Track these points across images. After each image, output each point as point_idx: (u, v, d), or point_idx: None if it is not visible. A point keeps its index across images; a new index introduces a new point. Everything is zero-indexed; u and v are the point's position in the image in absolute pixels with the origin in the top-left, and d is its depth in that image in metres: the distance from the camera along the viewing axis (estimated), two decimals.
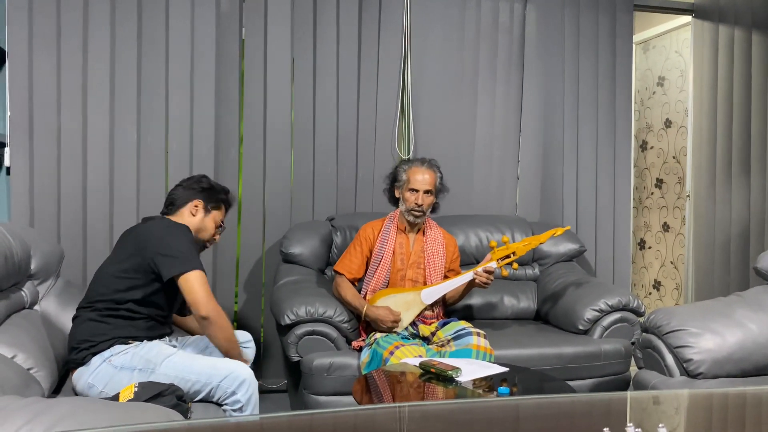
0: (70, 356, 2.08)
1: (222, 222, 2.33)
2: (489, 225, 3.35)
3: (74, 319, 2.13)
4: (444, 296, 2.77)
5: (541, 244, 2.83)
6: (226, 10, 3.21)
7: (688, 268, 4.06)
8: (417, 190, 2.70)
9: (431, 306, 2.70)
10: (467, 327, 2.57)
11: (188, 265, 2.04)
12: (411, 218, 2.73)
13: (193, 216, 2.25)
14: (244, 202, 3.29)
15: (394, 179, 2.80)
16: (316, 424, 1.33)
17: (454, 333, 2.56)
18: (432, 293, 2.67)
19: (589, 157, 3.75)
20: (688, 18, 4.02)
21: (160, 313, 2.16)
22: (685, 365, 2.19)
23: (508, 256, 2.69)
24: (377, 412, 1.47)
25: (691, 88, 3.99)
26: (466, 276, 2.68)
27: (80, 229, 3.03)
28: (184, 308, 2.38)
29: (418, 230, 2.81)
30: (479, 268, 2.66)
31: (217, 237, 2.34)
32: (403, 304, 2.65)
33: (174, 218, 2.24)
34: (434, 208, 2.82)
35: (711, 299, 2.50)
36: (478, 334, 2.51)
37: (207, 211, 2.26)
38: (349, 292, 2.70)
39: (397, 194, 2.79)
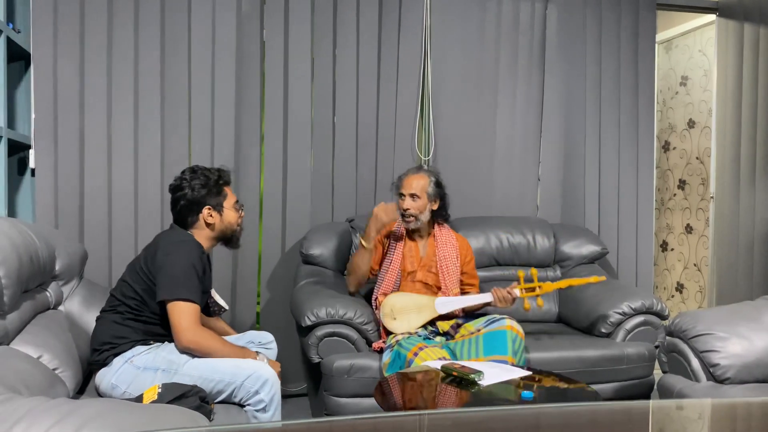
0: (92, 357, 2.10)
1: (237, 201, 2.30)
2: (510, 226, 3.33)
3: (97, 320, 2.16)
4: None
5: (571, 287, 2.72)
6: (247, 11, 3.23)
7: (711, 270, 4.00)
8: (403, 195, 2.71)
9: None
10: (498, 315, 2.56)
11: (177, 293, 2.02)
12: (404, 224, 2.74)
13: (211, 223, 2.22)
14: (265, 203, 3.30)
15: (396, 190, 2.81)
16: (335, 431, 1.33)
17: (486, 322, 2.55)
18: (446, 304, 2.65)
19: (611, 158, 3.71)
20: (712, 17, 3.96)
21: None
22: (711, 370, 2.15)
23: (533, 289, 2.65)
24: (397, 420, 1.46)
25: (715, 87, 3.93)
26: (484, 297, 2.65)
27: (104, 230, 3.06)
28: (208, 308, 2.39)
29: (429, 235, 2.81)
30: (498, 290, 2.63)
31: (242, 214, 2.31)
32: (415, 306, 2.64)
33: (194, 231, 2.22)
34: (445, 217, 2.81)
35: (738, 303, 2.45)
36: (511, 317, 2.50)
37: (219, 208, 2.23)
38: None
39: None
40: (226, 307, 2.45)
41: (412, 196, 2.71)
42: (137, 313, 2.11)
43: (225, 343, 2.10)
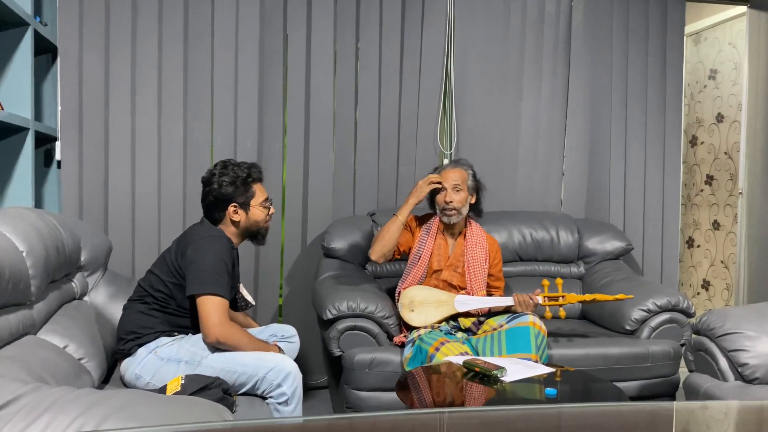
0: (118, 346, 2.13)
1: (266, 198, 2.28)
2: (533, 222, 3.29)
3: (124, 309, 2.18)
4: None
5: (596, 302, 2.68)
6: (270, 4, 3.22)
7: (739, 267, 3.93)
8: (444, 189, 2.67)
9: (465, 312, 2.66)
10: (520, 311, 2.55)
11: (207, 288, 2.03)
12: (445, 219, 2.69)
13: (237, 220, 2.23)
14: (287, 196, 3.31)
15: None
16: (355, 428, 1.32)
17: (508, 318, 2.53)
18: (466, 302, 2.62)
19: (636, 152, 3.65)
20: (742, 8, 3.87)
21: None
22: (740, 369, 2.11)
23: (556, 299, 2.61)
24: (417, 417, 1.45)
25: (746, 81, 3.84)
26: (505, 300, 2.62)
27: (128, 222, 3.09)
28: (235, 302, 2.40)
29: (459, 233, 2.78)
30: (520, 295, 2.60)
31: (272, 211, 2.30)
32: (434, 301, 2.62)
33: (221, 226, 2.23)
34: (478, 211, 2.78)
35: (767, 302, 2.40)
36: (534, 314, 2.49)
37: (246, 206, 2.23)
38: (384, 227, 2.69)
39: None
40: (253, 303, 2.46)
41: (455, 187, 2.66)
42: (163, 304, 2.13)
43: (252, 338, 2.11)
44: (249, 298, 2.42)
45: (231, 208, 2.21)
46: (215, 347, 2.05)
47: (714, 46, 4.28)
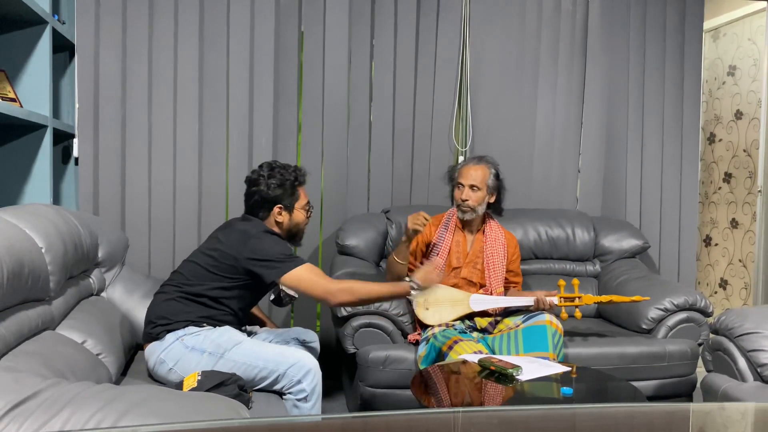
0: (146, 330, 2.14)
1: (308, 202, 2.35)
2: (549, 219, 3.27)
3: (157, 294, 2.20)
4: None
5: (612, 303, 2.67)
6: (285, 1, 3.22)
7: (758, 266, 3.88)
8: (462, 185, 2.66)
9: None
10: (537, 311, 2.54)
11: (288, 266, 2.08)
12: (459, 214, 2.69)
13: (280, 221, 2.27)
14: None
15: (450, 179, 2.77)
16: (370, 426, 1.32)
17: (524, 317, 2.52)
18: (481, 302, 2.61)
19: (653, 149, 3.62)
20: (762, 4, 3.82)
21: (240, 309, 2.21)
22: (759, 370, 2.08)
23: (572, 299, 2.60)
24: (431, 417, 1.45)
25: (765, 77, 3.79)
26: (522, 300, 2.60)
27: (144, 218, 3.11)
28: (280, 299, 2.42)
29: (478, 230, 2.76)
30: (540, 295, 2.58)
31: (310, 215, 2.37)
32: (450, 300, 2.61)
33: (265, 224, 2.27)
34: (498, 210, 2.76)
35: None
36: (551, 313, 2.48)
37: (290, 208, 2.28)
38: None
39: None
40: (296, 296, 2.45)
41: (472, 187, 2.66)
42: (198, 296, 2.13)
43: (369, 282, 2.21)
44: (291, 291, 2.42)
45: (276, 209, 2.26)
46: (238, 340, 2.06)
47: (733, 42, 4.22)
